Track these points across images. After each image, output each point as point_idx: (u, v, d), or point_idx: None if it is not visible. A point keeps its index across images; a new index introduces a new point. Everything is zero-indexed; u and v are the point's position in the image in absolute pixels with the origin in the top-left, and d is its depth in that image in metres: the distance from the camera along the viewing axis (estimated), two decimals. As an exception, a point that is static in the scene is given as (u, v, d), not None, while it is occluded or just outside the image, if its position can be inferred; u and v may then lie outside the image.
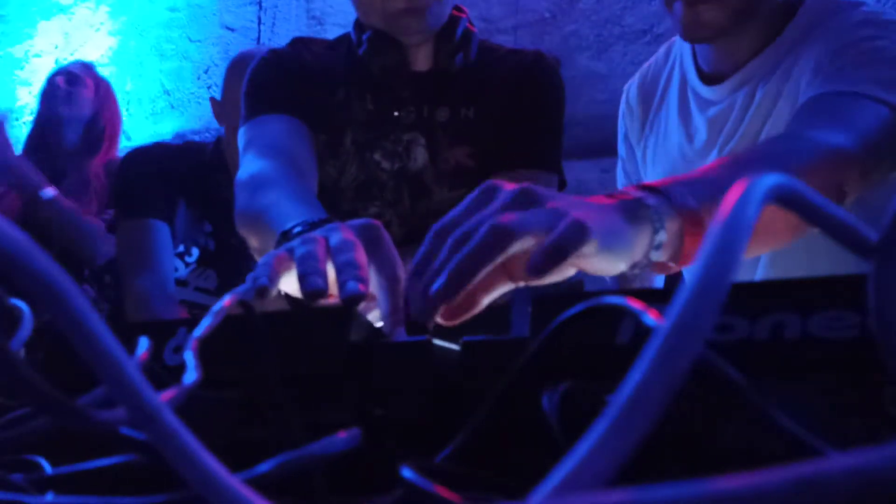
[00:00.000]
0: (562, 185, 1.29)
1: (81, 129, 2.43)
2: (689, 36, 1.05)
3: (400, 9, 1.12)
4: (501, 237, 0.50)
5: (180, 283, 1.74)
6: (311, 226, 0.79)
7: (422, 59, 1.21)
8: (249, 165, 1.07)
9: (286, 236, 0.80)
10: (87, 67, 2.57)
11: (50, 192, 2.23)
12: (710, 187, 0.65)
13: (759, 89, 1.05)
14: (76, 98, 2.42)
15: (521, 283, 0.57)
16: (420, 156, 1.19)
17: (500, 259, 0.51)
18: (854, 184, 0.83)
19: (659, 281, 1.23)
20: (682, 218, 0.61)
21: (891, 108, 0.87)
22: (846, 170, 0.81)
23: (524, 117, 1.22)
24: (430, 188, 1.19)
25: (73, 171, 2.38)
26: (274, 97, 1.18)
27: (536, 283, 0.57)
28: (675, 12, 1.01)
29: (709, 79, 1.12)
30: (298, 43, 1.29)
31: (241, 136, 1.17)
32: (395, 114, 1.20)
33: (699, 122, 1.14)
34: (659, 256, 0.60)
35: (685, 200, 0.61)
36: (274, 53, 1.25)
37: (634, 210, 0.59)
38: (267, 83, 1.21)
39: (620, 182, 1.34)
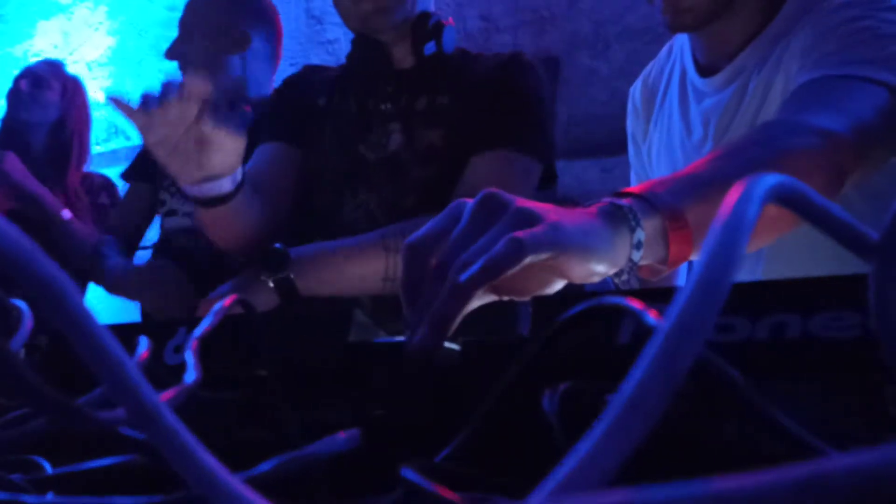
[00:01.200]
0: (550, 176, 1.32)
1: (45, 134, 2.33)
2: (673, 24, 1.04)
3: (368, 10, 1.24)
4: (468, 289, 0.49)
5: (170, 213, 1.84)
6: None
7: (404, 57, 1.31)
8: None
9: None
10: (54, 66, 2.45)
11: (67, 213, 2.19)
12: (693, 183, 0.65)
13: (751, 80, 1.04)
14: (40, 101, 2.32)
15: (504, 297, 0.57)
16: (395, 141, 1.27)
17: (476, 295, 0.50)
18: (850, 168, 0.82)
19: (681, 279, 1.18)
20: (661, 215, 0.60)
21: (884, 88, 0.85)
22: (839, 153, 0.79)
23: (498, 103, 1.27)
24: (405, 167, 1.26)
25: (50, 187, 2.26)
26: (266, 129, 1.36)
27: (520, 299, 0.57)
28: (657, 3, 1.01)
29: (705, 71, 1.12)
30: (306, 69, 1.46)
31: None
32: (382, 108, 1.29)
33: (696, 115, 1.14)
34: (641, 257, 0.59)
35: (661, 197, 0.61)
36: (283, 82, 1.43)
37: (610, 213, 0.58)
38: (268, 116, 1.40)
39: (633, 184, 1.31)
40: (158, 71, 3.69)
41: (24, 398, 0.23)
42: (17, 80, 2.38)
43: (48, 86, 2.35)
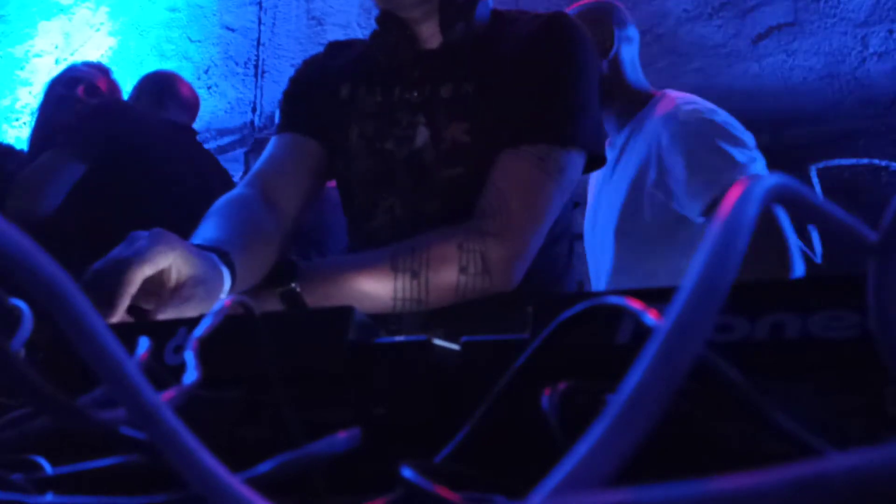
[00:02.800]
0: (598, 161, 1.17)
1: None
2: None
3: None
4: None
5: None
6: None
7: (430, 37, 1.18)
8: (233, 189, 1.19)
9: None
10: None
11: None
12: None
13: (627, 150, 1.76)
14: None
15: None
16: (421, 135, 1.15)
17: None
18: None
19: None
20: None
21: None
22: None
23: (529, 86, 1.11)
24: (429, 167, 1.15)
25: None
26: (283, 117, 1.26)
27: None
28: None
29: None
30: (329, 47, 1.32)
31: None
32: (407, 97, 1.17)
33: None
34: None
35: None
36: (302, 65, 1.31)
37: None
38: (283, 103, 1.29)
39: None
40: (159, 71, 3.70)
41: (24, 398, 0.23)
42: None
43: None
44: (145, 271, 0.78)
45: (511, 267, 1.04)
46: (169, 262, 0.80)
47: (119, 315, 0.76)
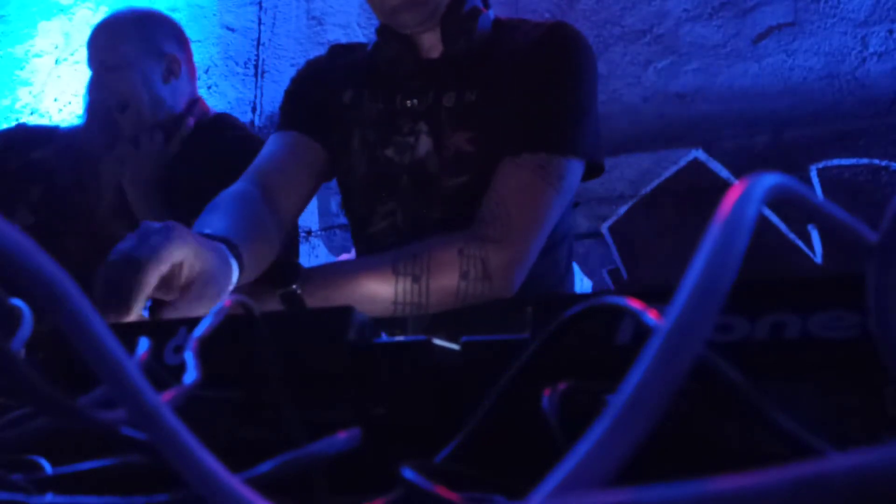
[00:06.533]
0: (597, 169, 1.18)
1: None
2: None
3: (395, 4, 1.12)
4: None
5: None
6: None
7: (432, 46, 1.19)
8: (234, 184, 1.18)
9: None
10: None
11: None
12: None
13: None
14: None
15: None
16: (424, 144, 1.16)
17: None
18: None
19: None
20: None
21: None
22: None
23: (530, 94, 1.12)
24: (433, 176, 1.15)
25: None
26: (285, 115, 1.28)
27: None
28: None
29: None
30: (331, 50, 1.34)
31: None
32: (408, 104, 1.18)
33: None
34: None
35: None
36: (305, 66, 1.33)
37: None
38: (284, 101, 1.30)
39: None
40: (159, 71, 3.69)
41: (24, 398, 0.23)
42: None
43: None
44: (161, 270, 0.77)
45: (511, 273, 1.05)
46: (182, 257, 0.80)
47: (134, 316, 0.76)
